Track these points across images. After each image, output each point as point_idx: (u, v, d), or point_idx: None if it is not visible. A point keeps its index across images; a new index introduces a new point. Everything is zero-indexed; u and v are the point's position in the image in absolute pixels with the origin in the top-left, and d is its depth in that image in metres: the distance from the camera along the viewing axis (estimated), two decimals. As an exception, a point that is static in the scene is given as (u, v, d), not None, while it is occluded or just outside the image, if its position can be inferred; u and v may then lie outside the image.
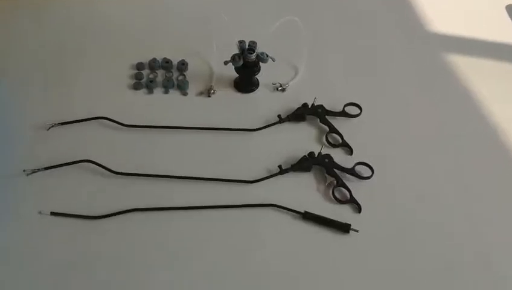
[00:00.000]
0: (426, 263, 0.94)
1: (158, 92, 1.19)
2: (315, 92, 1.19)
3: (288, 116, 1.13)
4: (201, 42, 1.28)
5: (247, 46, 1.14)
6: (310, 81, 1.23)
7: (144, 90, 1.19)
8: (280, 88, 1.20)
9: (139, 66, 1.23)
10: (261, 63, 1.14)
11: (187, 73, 1.23)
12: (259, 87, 1.21)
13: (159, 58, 1.25)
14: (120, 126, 1.10)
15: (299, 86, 1.22)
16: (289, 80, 1.23)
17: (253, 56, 1.12)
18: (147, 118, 1.13)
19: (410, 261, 0.95)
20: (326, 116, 1.13)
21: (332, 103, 1.17)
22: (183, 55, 1.26)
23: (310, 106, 1.14)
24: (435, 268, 0.94)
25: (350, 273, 0.93)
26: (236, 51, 1.13)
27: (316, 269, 0.93)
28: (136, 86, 1.18)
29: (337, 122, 1.13)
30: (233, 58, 1.12)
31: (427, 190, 1.05)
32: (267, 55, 1.13)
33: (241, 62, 1.12)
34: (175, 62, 1.24)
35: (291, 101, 1.18)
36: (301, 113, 1.13)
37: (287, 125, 1.13)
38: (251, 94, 1.20)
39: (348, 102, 1.16)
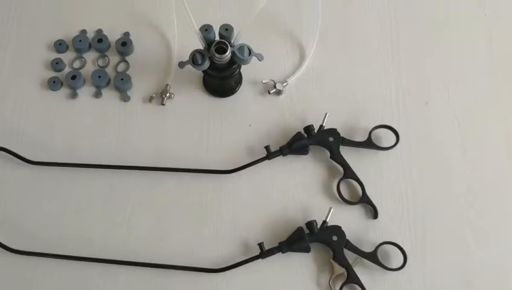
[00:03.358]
0: None
1: (85, 93, 0.77)
2: (328, 99, 0.77)
3: (281, 148, 0.72)
4: (157, 3, 0.82)
5: (216, 37, 0.69)
6: (321, 77, 0.78)
7: (63, 92, 0.78)
8: (274, 90, 0.77)
9: (59, 47, 0.79)
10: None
11: (131, 59, 0.80)
12: (241, 85, 0.78)
13: (92, 28, 0.81)
14: (24, 163, 0.72)
15: (304, 86, 0.78)
16: (289, 73, 0.78)
17: (226, 56, 0.67)
18: (67, 145, 0.74)
19: None
20: (342, 147, 0.72)
21: (354, 122, 0.75)
22: (127, 25, 0.81)
23: (316, 130, 0.72)
24: None
25: None
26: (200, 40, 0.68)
27: None
28: (53, 85, 0.77)
29: (359, 157, 0.72)
30: (193, 58, 0.68)
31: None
32: (250, 52, 0.68)
33: (207, 64, 0.68)
34: (113, 38, 0.80)
35: (289, 113, 0.76)
36: (303, 145, 0.71)
37: (279, 162, 0.72)
38: (229, 99, 0.78)
39: (378, 124, 0.74)
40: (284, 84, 0.77)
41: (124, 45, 0.79)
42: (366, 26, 0.81)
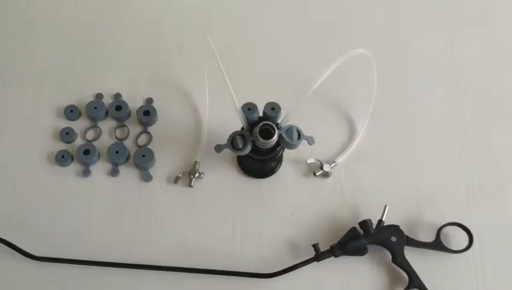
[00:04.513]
0: None
1: (99, 170, 0.66)
2: (384, 185, 0.65)
3: (332, 247, 0.60)
4: (184, 67, 0.72)
5: (259, 115, 0.58)
6: (375, 159, 0.67)
7: (73, 167, 0.66)
8: (321, 172, 0.65)
9: (70, 114, 0.69)
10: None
11: (154, 130, 0.69)
12: (282, 164, 0.67)
13: (108, 93, 0.70)
14: (25, 258, 0.60)
15: (355, 167, 0.66)
16: (337, 152, 0.67)
17: (273, 141, 0.56)
18: (76, 234, 0.62)
19: None
20: (406, 248, 0.60)
21: (416, 216, 0.63)
22: (149, 90, 0.70)
23: (375, 226, 0.60)
24: None
25: None
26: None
27: None
28: (61, 160, 0.65)
29: (425, 261, 0.60)
30: (233, 142, 0.56)
31: None
32: (299, 135, 0.57)
33: (248, 148, 0.57)
34: (133, 105, 0.69)
35: (339, 200, 0.65)
36: (360, 246, 0.60)
37: (329, 265, 0.60)
38: (267, 180, 0.66)
39: (446, 219, 0.62)
40: (332, 165, 0.65)
41: (147, 114, 0.68)
42: (428, 102, 0.70)
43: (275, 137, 0.55)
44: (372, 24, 0.76)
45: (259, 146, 0.57)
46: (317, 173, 0.65)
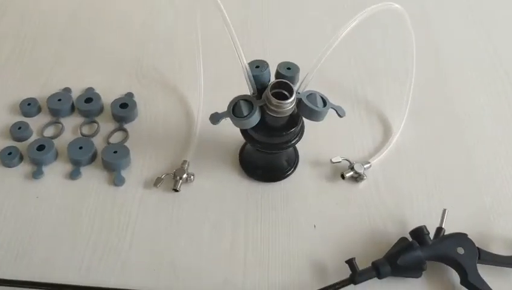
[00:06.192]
0: None
1: (55, 172, 0.50)
2: (435, 189, 0.50)
3: (375, 264, 0.41)
4: (173, 59, 0.60)
5: (270, 78, 0.44)
6: (421, 159, 0.52)
7: (23, 169, 0.50)
8: (351, 174, 0.49)
9: (27, 108, 0.54)
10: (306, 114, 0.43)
11: (132, 127, 0.54)
12: (297, 168, 0.51)
13: (80, 88, 0.56)
14: None
15: (396, 169, 0.51)
16: (370, 152, 0.52)
17: (289, 102, 0.41)
18: (21, 251, 0.44)
19: None
20: (479, 264, 0.42)
21: (484, 227, 0.47)
22: (131, 86, 0.57)
23: (433, 235, 0.43)
24: None
25: None
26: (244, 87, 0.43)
27: None
28: (6, 157, 0.49)
29: (507, 283, 0.42)
30: (235, 108, 0.42)
31: None
32: (324, 102, 0.42)
33: (256, 117, 0.42)
34: (107, 100, 0.55)
35: (376, 208, 0.48)
36: (415, 261, 0.42)
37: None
38: (279, 185, 0.50)
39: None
40: (366, 166, 0.50)
41: (124, 106, 0.53)
42: (479, 93, 0.58)
43: (293, 98, 0.41)
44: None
45: (270, 114, 0.42)
46: (347, 175, 0.49)
